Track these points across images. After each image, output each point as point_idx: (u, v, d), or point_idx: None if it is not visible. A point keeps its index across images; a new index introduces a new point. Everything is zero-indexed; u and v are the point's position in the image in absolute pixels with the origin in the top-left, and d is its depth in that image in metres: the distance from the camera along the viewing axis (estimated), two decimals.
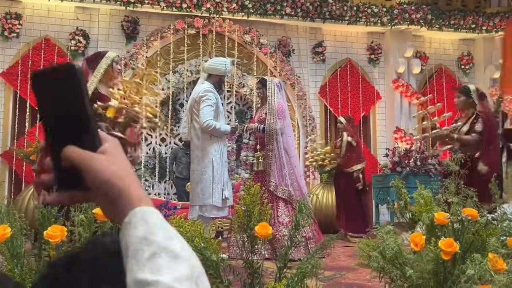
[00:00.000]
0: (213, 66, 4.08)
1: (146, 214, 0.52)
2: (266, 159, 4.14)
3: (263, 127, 4.13)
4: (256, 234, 1.85)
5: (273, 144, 4.11)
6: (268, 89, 4.21)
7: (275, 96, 4.19)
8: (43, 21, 7.04)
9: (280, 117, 4.15)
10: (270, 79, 4.42)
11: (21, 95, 6.79)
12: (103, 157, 0.55)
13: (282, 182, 4.03)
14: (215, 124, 3.83)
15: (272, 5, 7.49)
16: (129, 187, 0.54)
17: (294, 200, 3.93)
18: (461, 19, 8.24)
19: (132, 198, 0.53)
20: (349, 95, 8.05)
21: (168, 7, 7.14)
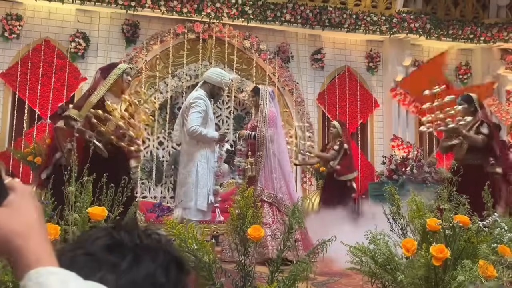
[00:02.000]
0: (209, 74, 4.19)
1: (42, 277, 0.48)
2: (256, 165, 4.28)
3: (254, 134, 4.29)
4: (249, 236, 1.86)
5: (263, 150, 4.27)
6: (261, 98, 4.37)
7: (267, 105, 4.34)
8: (43, 22, 7.07)
9: (271, 124, 4.31)
10: (263, 88, 4.57)
11: (20, 96, 6.81)
12: (3, 211, 0.52)
13: (269, 186, 4.17)
14: (201, 130, 3.91)
15: (272, 11, 7.54)
16: (28, 246, 0.50)
17: (281, 204, 4.09)
18: (459, 29, 8.30)
19: (30, 258, 0.49)
20: (347, 102, 8.08)
21: (169, 11, 7.18)
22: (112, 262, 0.55)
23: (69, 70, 6.99)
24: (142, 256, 0.57)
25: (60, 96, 6.92)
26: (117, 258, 0.55)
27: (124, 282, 0.54)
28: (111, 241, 0.58)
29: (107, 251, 0.56)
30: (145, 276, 0.55)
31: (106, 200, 1.84)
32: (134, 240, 0.58)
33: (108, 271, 0.54)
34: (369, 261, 2.08)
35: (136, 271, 0.55)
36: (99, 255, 0.56)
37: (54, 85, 6.90)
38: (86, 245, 0.57)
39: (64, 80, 6.95)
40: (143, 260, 0.56)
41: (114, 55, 7.20)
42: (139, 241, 0.58)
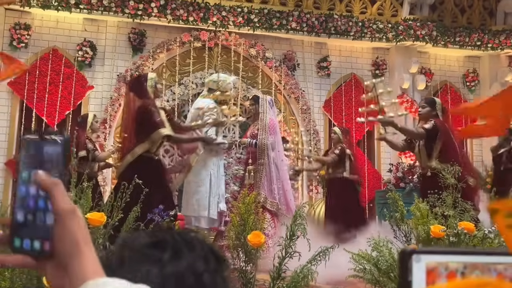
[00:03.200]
0: (213, 82, 4.24)
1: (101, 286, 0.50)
2: (256, 173, 4.32)
3: (255, 142, 4.32)
4: (249, 242, 1.84)
5: (264, 158, 4.32)
6: (261, 106, 4.44)
7: (267, 113, 4.39)
8: (51, 32, 7.15)
9: (271, 132, 4.37)
10: (262, 97, 4.71)
11: (28, 104, 6.87)
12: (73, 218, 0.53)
13: (271, 195, 4.17)
14: (215, 138, 3.95)
15: (278, 19, 7.56)
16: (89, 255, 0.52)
17: (281, 214, 4.09)
18: (467, 36, 8.26)
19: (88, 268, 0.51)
20: (354, 109, 8.04)
21: (175, 20, 7.22)
22: (155, 256, 0.61)
23: (76, 79, 7.04)
24: (181, 249, 0.62)
25: (67, 104, 6.97)
26: (159, 252, 0.61)
27: (167, 273, 0.59)
28: (152, 239, 0.63)
29: (150, 247, 0.62)
30: (186, 266, 0.61)
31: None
32: (173, 236, 0.64)
33: (152, 265, 0.60)
34: (372, 269, 2.05)
35: (178, 263, 0.61)
36: (143, 251, 0.61)
37: (62, 93, 6.95)
38: (131, 244, 0.63)
39: (71, 88, 7.00)
40: (182, 253, 0.62)
41: (121, 64, 7.25)
42: (178, 237, 0.64)
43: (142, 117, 3.55)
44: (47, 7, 6.80)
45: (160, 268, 0.59)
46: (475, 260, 0.51)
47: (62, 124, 7.01)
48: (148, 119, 3.53)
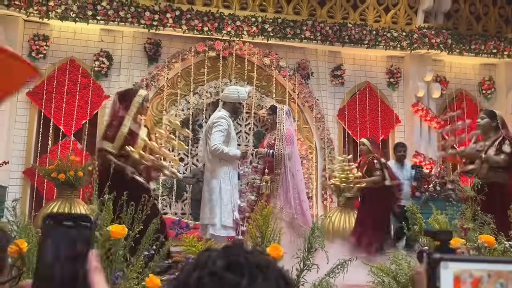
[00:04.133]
0: (226, 94, 4.33)
1: None
2: (273, 183, 4.36)
3: (272, 152, 4.34)
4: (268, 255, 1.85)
5: (281, 168, 4.33)
6: (278, 116, 4.46)
7: (284, 123, 4.40)
8: (69, 42, 7.27)
9: (288, 143, 4.38)
10: (280, 107, 4.71)
11: (45, 114, 6.98)
12: None
13: (287, 205, 4.19)
14: (223, 148, 4.02)
15: (291, 29, 7.59)
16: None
17: (296, 224, 4.09)
18: (482, 44, 8.20)
19: None
20: (368, 118, 8.02)
21: (190, 30, 7.30)
22: (233, 281, 0.62)
23: (92, 88, 7.15)
24: (257, 275, 0.63)
25: (84, 113, 7.07)
26: (236, 276, 0.62)
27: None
28: (229, 261, 0.65)
29: (227, 270, 0.63)
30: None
31: (126, 218, 1.86)
32: (247, 259, 0.65)
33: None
34: (391, 282, 2.04)
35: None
36: (220, 274, 0.63)
37: (78, 103, 7.05)
38: (209, 265, 0.64)
39: (88, 98, 7.10)
40: (258, 278, 0.63)
41: (137, 73, 7.34)
42: (251, 259, 0.65)
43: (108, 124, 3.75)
44: (65, 18, 6.93)
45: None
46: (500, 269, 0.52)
47: (78, 134, 7.11)
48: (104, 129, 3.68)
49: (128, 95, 3.81)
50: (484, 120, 4.18)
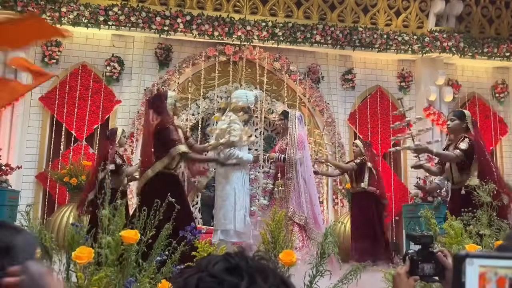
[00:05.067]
0: (237, 100, 4.31)
1: None
2: (285, 187, 4.37)
3: (283, 157, 4.37)
4: (280, 261, 1.84)
5: (292, 173, 4.35)
6: (290, 121, 4.49)
7: (296, 128, 4.43)
8: (81, 48, 7.34)
9: (300, 147, 4.42)
10: (292, 112, 4.77)
11: (58, 119, 7.04)
12: None
13: (299, 209, 4.20)
14: (237, 153, 4.00)
15: (302, 33, 7.59)
16: None
17: (308, 228, 4.11)
18: (495, 47, 8.11)
19: None
20: (379, 122, 7.97)
21: (200, 35, 7.32)
22: (233, 283, 0.62)
23: (104, 93, 7.20)
24: (256, 278, 0.63)
25: (95, 118, 7.11)
26: (236, 279, 0.62)
27: None
28: (229, 264, 0.65)
29: (227, 273, 0.63)
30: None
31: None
32: (248, 263, 0.65)
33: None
34: None
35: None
36: (220, 277, 0.63)
37: (90, 108, 7.10)
38: (209, 268, 0.64)
39: (99, 103, 7.15)
40: (257, 281, 0.63)
41: (148, 78, 7.38)
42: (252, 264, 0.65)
43: (161, 134, 3.62)
44: (77, 24, 7.00)
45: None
46: None
47: (90, 138, 7.16)
48: (167, 136, 3.59)
49: (158, 100, 3.83)
50: (453, 122, 4.07)
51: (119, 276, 1.76)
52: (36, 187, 6.90)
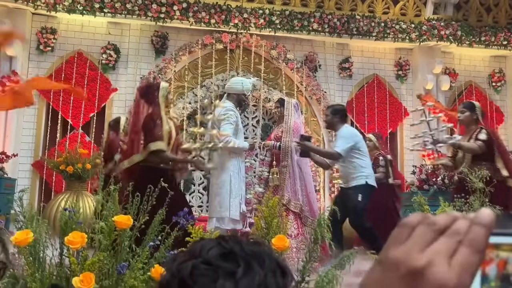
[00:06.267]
0: (231, 86, 4.33)
1: None
2: (280, 175, 4.37)
3: (279, 145, 4.39)
4: (273, 246, 1.85)
5: (287, 160, 4.36)
6: (286, 109, 4.48)
7: (292, 116, 4.43)
8: (76, 35, 7.29)
9: (295, 135, 4.38)
10: (288, 100, 4.73)
11: (54, 107, 7.01)
12: None
13: (294, 197, 4.21)
14: (233, 141, 4.00)
15: (299, 21, 7.54)
16: None
17: (304, 216, 4.12)
18: (493, 35, 8.09)
19: None
20: (376, 111, 7.97)
21: (197, 22, 7.28)
22: (229, 269, 0.60)
23: (100, 81, 7.17)
24: (252, 263, 0.62)
25: (91, 106, 7.09)
26: (232, 266, 0.61)
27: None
28: (223, 250, 0.63)
29: (222, 259, 0.61)
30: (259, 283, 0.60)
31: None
32: (242, 248, 0.63)
33: (226, 279, 0.59)
34: None
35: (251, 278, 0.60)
36: (215, 263, 0.61)
37: (86, 96, 7.07)
38: (202, 255, 0.62)
39: (95, 91, 7.12)
40: (254, 267, 0.61)
41: (144, 66, 7.35)
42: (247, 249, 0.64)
43: (147, 126, 3.58)
44: (72, 11, 6.94)
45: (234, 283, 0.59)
46: None
47: (86, 126, 7.14)
48: (151, 129, 3.55)
49: (150, 89, 3.77)
50: (464, 114, 4.14)
51: (113, 261, 1.77)
52: (32, 175, 6.90)
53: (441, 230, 0.45)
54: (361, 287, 0.47)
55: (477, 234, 0.44)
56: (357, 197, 4.22)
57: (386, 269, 0.44)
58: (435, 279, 0.42)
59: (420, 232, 0.45)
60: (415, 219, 0.46)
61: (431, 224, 0.45)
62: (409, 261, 0.43)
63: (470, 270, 0.43)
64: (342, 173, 4.57)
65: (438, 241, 0.44)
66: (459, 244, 0.44)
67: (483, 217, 0.45)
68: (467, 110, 4.13)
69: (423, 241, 0.44)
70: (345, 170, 4.53)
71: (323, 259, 3.67)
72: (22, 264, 1.70)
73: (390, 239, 0.47)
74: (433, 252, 0.43)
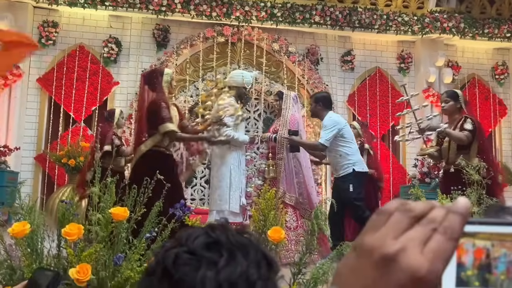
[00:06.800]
0: (231, 78, 4.30)
1: None
2: (277, 167, 4.37)
3: (274, 137, 4.40)
4: (269, 238, 1.85)
5: (283, 153, 4.35)
6: (284, 102, 4.45)
7: (289, 109, 4.43)
8: (78, 29, 7.29)
9: (292, 128, 4.35)
10: (286, 93, 4.67)
11: (56, 100, 7.03)
12: None
13: (290, 190, 4.20)
14: (233, 134, 4.01)
15: (301, 13, 7.51)
16: None
17: (302, 208, 4.11)
18: (496, 27, 8.03)
19: None
20: (378, 104, 7.95)
21: (198, 15, 7.26)
22: (211, 259, 0.60)
23: (102, 75, 7.17)
24: (236, 254, 0.61)
25: (93, 100, 7.11)
26: (215, 255, 0.60)
27: (222, 278, 0.59)
28: (208, 239, 0.62)
29: (206, 249, 0.61)
30: (240, 273, 0.60)
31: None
32: (228, 238, 0.63)
33: (208, 268, 0.59)
34: None
35: (233, 269, 0.60)
36: (199, 253, 0.60)
37: (88, 89, 7.09)
38: (188, 244, 0.62)
39: (97, 84, 7.13)
40: (237, 258, 0.61)
41: (146, 60, 7.35)
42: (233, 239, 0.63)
43: (153, 111, 3.61)
44: (74, 4, 6.94)
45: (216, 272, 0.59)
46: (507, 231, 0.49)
47: (88, 120, 7.16)
48: (158, 113, 3.58)
49: (154, 76, 3.79)
50: (448, 103, 4.09)
51: (109, 252, 1.78)
52: (35, 169, 6.94)
53: (417, 218, 0.45)
54: (336, 274, 0.48)
55: (452, 222, 0.44)
56: (348, 187, 4.16)
57: (360, 255, 0.45)
58: (407, 265, 0.42)
59: (395, 219, 0.45)
60: (393, 206, 0.47)
61: (408, 211, 0.45)
62: (382, 247, 0.43)
63: (443, 257, 0.43)
64: (331, 162, 4.53)
65: (413, 229, 0.45)
66: (434, 232, 0.44)
67: (459, 206, 0.45)
68: (451, 99, 4.08)
69: (398, 228, 0.45)
70: (332, 159, 4.48)
71: (322, 252, 3.69)
72: (19, 256, 1.72)
73: (367, 226, 0.47)
74: (407, 239, 0.44)
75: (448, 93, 4.23)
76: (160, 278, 0.60)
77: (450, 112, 4.09)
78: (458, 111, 4.07)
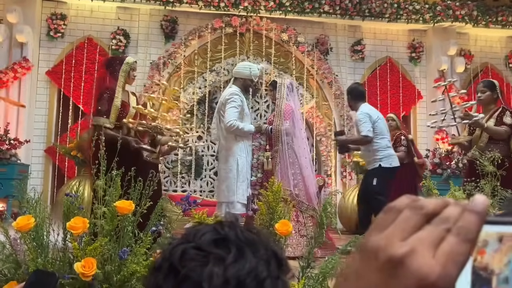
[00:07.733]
0: (238, 70, 4.28)
1: None
2: (272, 160, 4.31)
3: (270, 128, 4.31)
4: (277, 231, 1.82)
5: (278, 145, 4.32)
6: (278, 92, 4.36)
7: (284, 99, 4.36)
8: (86, 21, 7.27)
9: (286, 118, 4.31)
10: (280, 81, 4.53)
11: (65, 93, 7.04)
12: None
13: (285, 182, 4.12)
14: (238, 124, 3.99)
15: (310, 3, 7.41)
16: None
17: (298, 201, 4.06)
18: (510, 15, 7.86)
19: None
20: (389, 94, 7.85)
21: (206, 6, 7.20)
22: (219, 255, 0.58)
23: None
24: (245, 251, 0.60)
25: None
26: (223, 251, 0.59)
27: (230, 275, 0.57)
28: (216, 236, 0.61)
29: (214, 245, 0.60)
30: (249, 270, 0.58)
31: (134, 194, 1.85)
32: (237, 235, 0.61)
33: (215, 264, 0.58)
34: None
35: (241, 265, 0.58)
36: (206, 249, 0.59)
37: None
38: (195, 240, 0.61)
39: None
40: (246, 254, 0.59)
41: (154, 51, 7.32)
42: (242, 236, 0.62)
43: (98, 97, 3.55)
44: None
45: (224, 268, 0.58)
46: None
47: None
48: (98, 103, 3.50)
49: (114, 62, 3.69)
50: (485, 94, 4.00)
51: (115, 246, 1.76)
52: (45, 161, 6.97)
53: (428, 216, 0.41)
54: (340, 277, 0.44)
55: (468, 222, 0.40)
56: (372, 181, 4.29)
57: (365, 257, 0.41)
58: (416, 269, 0.38)
59: (405, 217, 0.41)
60: (403, 203, 0.43)
61: (418, 208, 0.41)
62: (389, 248, 0.39)
63: (457, 261, 0.39)
64: (362, 156, 4.64)
65: (424, 228, 0.40)
66: (448, 233, 0.40)
67: (476, 204, 0.41)
68: (488, 90, 4.01)
69: (408, 227, 0.40)
70: (363, 153, 4.73)
71: (331, 245, 3.65)
72: (24, 250, 1.70)
73: (374, 225, 0.43)
74: (416, 240, 0.39)
75: (485, 83, 4.15)
76: (166, 274, 0.59)
77: (486, 102, 4.02)
78: (494, 102, 4.01)
